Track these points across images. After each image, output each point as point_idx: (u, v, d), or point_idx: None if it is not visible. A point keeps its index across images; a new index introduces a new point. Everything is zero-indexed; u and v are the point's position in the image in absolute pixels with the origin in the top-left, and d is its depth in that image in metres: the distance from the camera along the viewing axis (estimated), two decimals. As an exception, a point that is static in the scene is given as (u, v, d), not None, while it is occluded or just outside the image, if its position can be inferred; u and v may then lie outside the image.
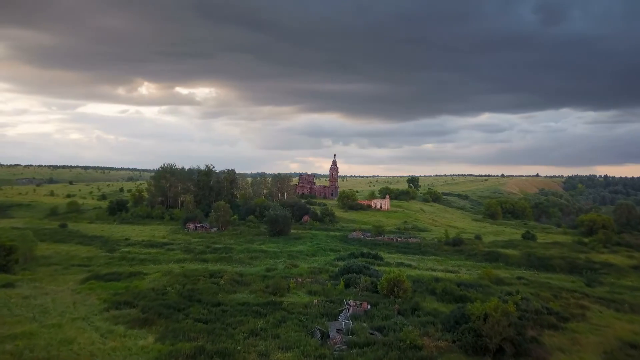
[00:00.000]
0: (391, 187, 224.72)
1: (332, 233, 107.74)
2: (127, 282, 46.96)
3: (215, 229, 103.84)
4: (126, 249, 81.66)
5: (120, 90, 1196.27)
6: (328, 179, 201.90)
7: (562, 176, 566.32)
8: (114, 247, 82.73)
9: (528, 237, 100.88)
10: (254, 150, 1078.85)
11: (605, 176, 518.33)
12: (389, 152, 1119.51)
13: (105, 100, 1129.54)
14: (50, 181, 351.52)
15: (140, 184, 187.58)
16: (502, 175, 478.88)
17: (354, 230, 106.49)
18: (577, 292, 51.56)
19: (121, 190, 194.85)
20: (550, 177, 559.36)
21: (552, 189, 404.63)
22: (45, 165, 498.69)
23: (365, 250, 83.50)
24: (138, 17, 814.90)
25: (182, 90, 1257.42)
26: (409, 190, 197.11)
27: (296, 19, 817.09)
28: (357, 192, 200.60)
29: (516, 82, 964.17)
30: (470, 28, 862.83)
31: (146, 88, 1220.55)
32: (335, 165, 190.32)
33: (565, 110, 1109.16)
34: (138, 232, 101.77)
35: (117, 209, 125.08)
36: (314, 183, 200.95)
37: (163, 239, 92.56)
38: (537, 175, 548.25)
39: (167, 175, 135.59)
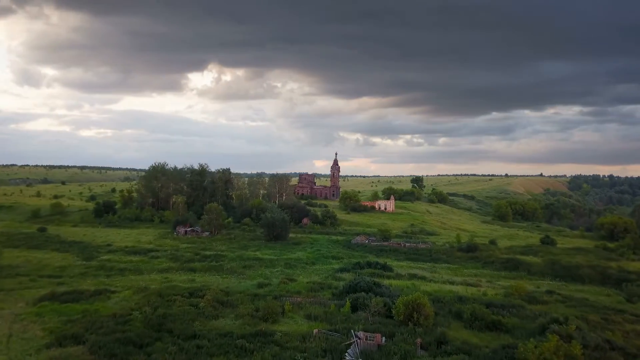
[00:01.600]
0: (394, 187, 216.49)
1: (333, 237, 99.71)
2: (88, 304, 38.92)
3: (207, 233, 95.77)
4: (106, 257, 73.83)
5: (196, 81, 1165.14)
6: (329, 179, 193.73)
7: (565, 175, 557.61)
8: (92, 255, 74.83)
9: (547, 241, 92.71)
10: (292, 148, 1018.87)
11: (611, 176, 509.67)
12: (432, 150, 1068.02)
13: (175, 90, 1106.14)
14: (45, 181, 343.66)
15: (135, 184, 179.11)
16: (506, 175, 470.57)
17: (358, 235, 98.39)
18: (626, 312, 43.51)
19: (113, 190, 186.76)
20: (554, 177, 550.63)
21: (558, 189, 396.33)
22: (41, 165, 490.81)
23: (371, 259, 75.55)
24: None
25: (266, 82, 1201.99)
26: (413, 191, 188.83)
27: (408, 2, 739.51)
28: (359, 192, 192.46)
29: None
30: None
31: (225, 77, 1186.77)
32: (337, 165, 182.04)
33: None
34: (123, 236, 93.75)
35: (104, 211, 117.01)
36: (315, 183, 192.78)
37: (149, 245, 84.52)
38: (541, 175, 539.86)
39: (158, 175, 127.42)
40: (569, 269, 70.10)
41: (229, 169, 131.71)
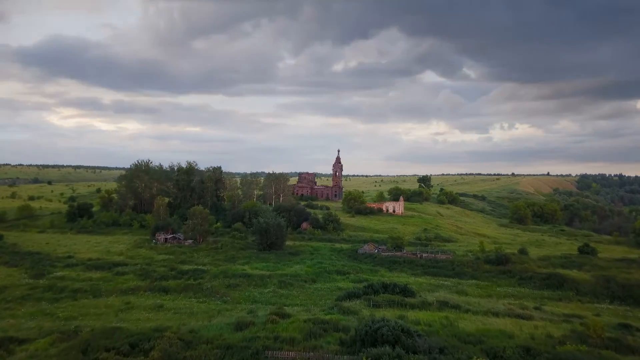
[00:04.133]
0: (400, 187, 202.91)
1: (337, 245, 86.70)
2: (-31, 368, 25.71)
3: (190, 241, 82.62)
4: (61, 273, 61.00)
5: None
6: (331, 179, 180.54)
7: (570, 175, 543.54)
8: (46, 270, 61.86)
9: (587, 251, 79.32)
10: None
11: (620, 175, 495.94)
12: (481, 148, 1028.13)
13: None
14: (36, 181, 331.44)
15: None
16: (513, 174, 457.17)
17: (366, 242, 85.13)
18: None
19: (98, 191, 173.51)
20: (560, 175, 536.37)
21: (566, 188, 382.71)
22: (34, 165, 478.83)
23: (384, 274, 63.03)
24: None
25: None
26: (421, 191, 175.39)
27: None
28: (362, 192, 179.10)
29: None
30: None
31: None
32: (339, 163, 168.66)
33: None
34: (92, 245, 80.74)
35: (78, 215, 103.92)
36: (315, 183, 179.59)
37: (119, 257, 71.50)
38: (547, 174, 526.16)
39: (140, 174, 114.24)
40: (629, 288, 57.05)
41: (219, 167, 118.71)
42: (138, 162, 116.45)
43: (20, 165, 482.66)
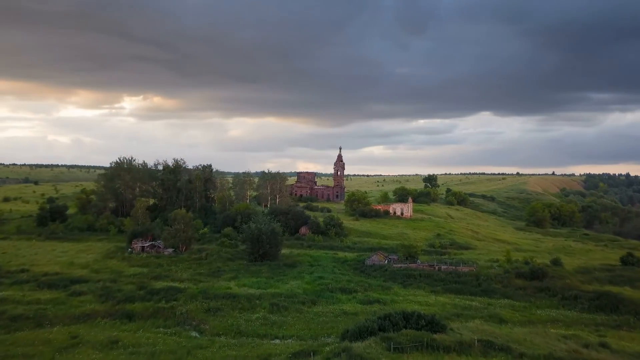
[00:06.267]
0: (404, 187, 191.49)
1: (340, 254, 75.74)
2: None
3: (171, 250, 71.50)
4: (5, 293, 50.32)
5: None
6: (332, 178, 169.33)
7: (573, 174, 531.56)
8: (-13, 288, 50.76)
9: (632, 262, 68.17)
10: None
11: (627, 174, 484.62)
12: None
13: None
14: (26, 181, 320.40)
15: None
16: (518, 174, 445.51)
17: (373, 251, 74.04)
18: None
19: (82, 191, 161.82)
20: (565, 175, 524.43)
21: (573, 188, 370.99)
22: (27, 165, 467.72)
23: (399, 295, 52.26)
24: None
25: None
26: (429, 191, 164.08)
27: None
28: (365, 192, 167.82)
29: None
30: None
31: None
32: (341, 161, 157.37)
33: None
34: (56, 254, 69.76)
35: (50, 219, 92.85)
36: (315, 183, 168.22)
37: (82, 270, 60.54)
38: (552, 174, 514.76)
39: (121, 173, 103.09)
40: None
41: (210, 166, 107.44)
42: (120, 159, 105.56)
43: (14, 164, 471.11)
